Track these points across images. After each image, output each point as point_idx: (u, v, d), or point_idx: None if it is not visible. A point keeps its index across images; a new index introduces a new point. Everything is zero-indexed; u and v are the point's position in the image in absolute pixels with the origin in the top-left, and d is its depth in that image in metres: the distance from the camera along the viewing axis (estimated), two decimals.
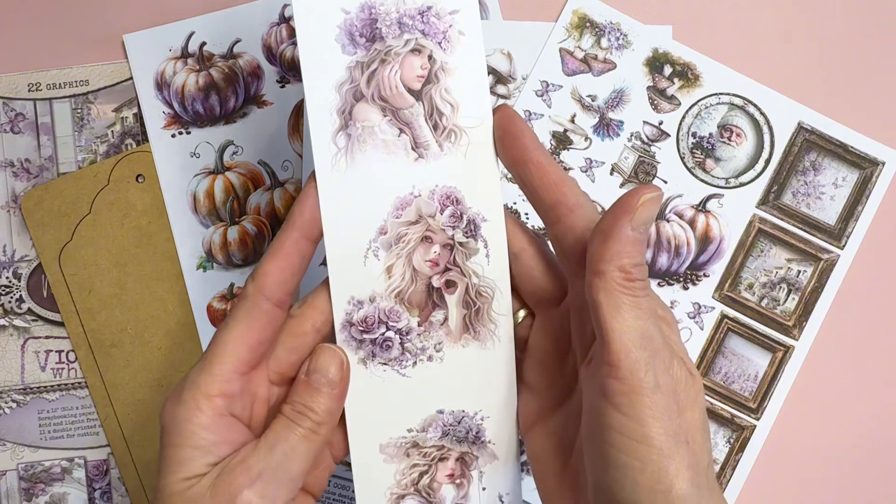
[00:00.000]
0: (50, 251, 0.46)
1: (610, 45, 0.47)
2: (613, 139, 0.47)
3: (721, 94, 0.47)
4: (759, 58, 0.47)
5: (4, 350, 0.46)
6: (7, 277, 0.46)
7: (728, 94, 0.47)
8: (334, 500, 0.46)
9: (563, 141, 0.47)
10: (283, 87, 0.47)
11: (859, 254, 0.47)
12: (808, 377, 0.47)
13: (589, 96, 0.47)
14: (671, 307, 0.46)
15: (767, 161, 0.47)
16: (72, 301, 0.46)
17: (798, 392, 0.46)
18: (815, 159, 0.47)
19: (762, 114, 0.47)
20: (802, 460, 0.47)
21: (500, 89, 0.47)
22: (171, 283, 0.46)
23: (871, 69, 0.48)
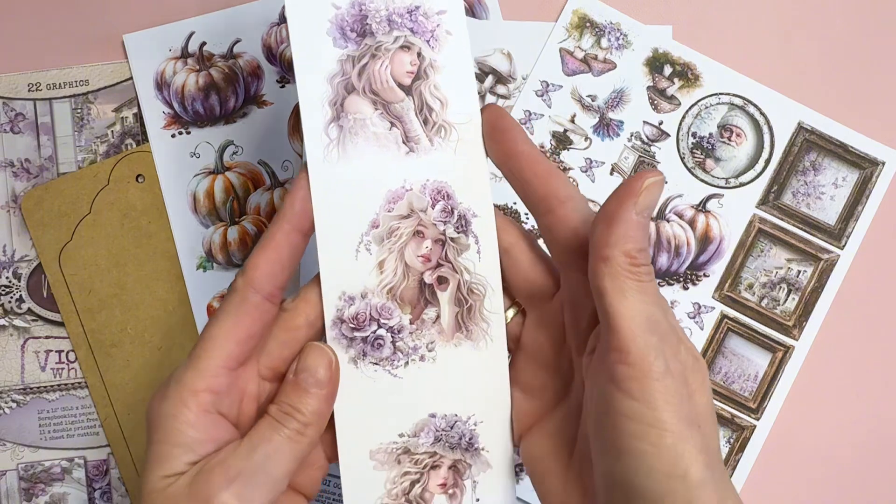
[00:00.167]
0: (50, 251, 0.46)
1: (610, 45, 0.47)
2: (613, 139, 0.47)
3: (721, 94, 0.47)
4: (759, 58, 0.47)
5: (4, 350, 0.46)
6: (7, 277, 0.46)
7: (728, 94, 0.47)
8: (334, 500, 0.46)
9: (563, 141, 0.47)
10: (283, 87, 0.47)
11: (859, 254, 0.47)
12: (808, 377, 0.47)
13: (589, 96, 0.47)
14: (671, 307, 0.46)
15: (767, 161, 0.47)
16: (72, 301, 0.46)
17: (798, 392, 0.46)
18: (815, 159, 0.47)
19: (762, 114, 0.47)
20: (802, 460, 0.47)
21: (500, 89, 0.47)
22: (171, 283, 0.46)
23: (871, 69, 0.48)
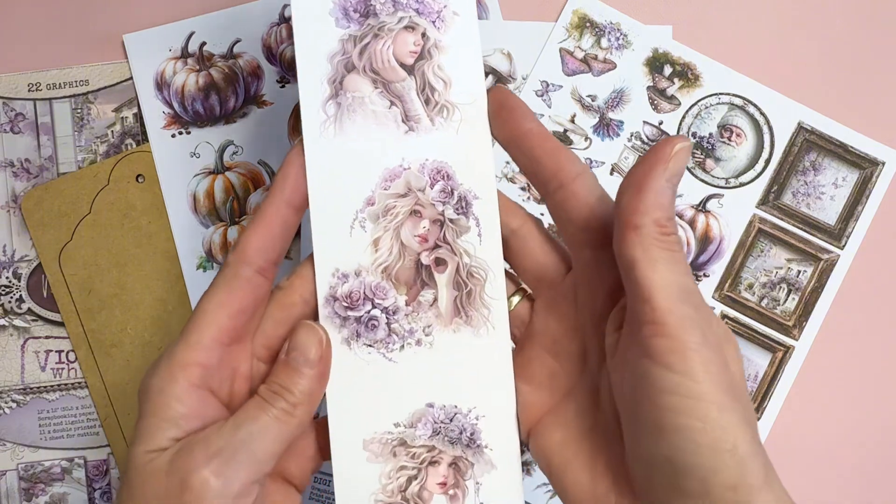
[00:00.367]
0: (50, 251, 0.46)
1: (610, 45, 0.47)
2: (613, 139, 0.47)
3: (721, 94, 0.47)
4: (759, 58, 0.47)
5: (4, 350, 0.46)
6: (7, 277, 0.46)
7: (728, 94, 0.47)
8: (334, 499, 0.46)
9: (563, 141, 0.47)
10: (283, 87, 0.47)
11: (859, 254, 0.47)
12: (808, 377, 0.46)
13: (589, 96, 0.47)
14: None
15: (767, 161, 0.47)
16: (72, 301, 0.46)
17: (798, 392, 0.46)
18: (815, 159, 0.47)
19: (762, 114, 0.47)
20: (802, 460, 0.47)
21: None
22: (171, 283, 0.46)
23: (871, 69, 0.48)
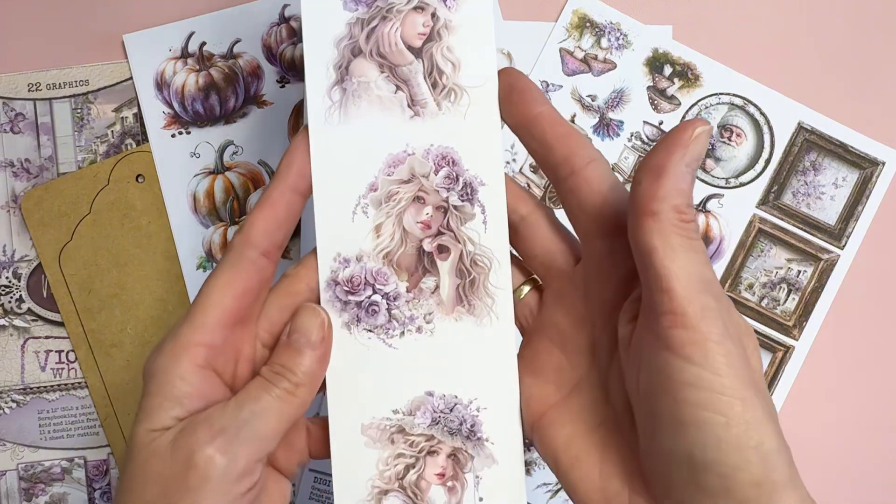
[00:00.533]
0: (50, 251, 0.46)
1: (610, 45, 0.47)
2: (613, 139, 0.47)
3: (721, 94, 0.47)
4: (759, 58, 0.47)
5: (4, 350, 0.46)
6: (7, 277, 0.46)
7: (728, 94, 0.47)
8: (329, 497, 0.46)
9: None
10: (283, 87, 0.47)
11: (859, 254, 0.47)
12: (808, 377, 0.46)
13: (589, 96, 0.47)
14: None
15: (767, 161, 0.47)
16: (72, 301, 0.46)
17: (798, 392, 0.46)
18: (815, 159, 0.47)
19: (762, 114, 0.47)
20: (802, 460, 0.47)
21: None
22: (171, 283, 0.46)
23: (871, 69, 0.48)
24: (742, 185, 0.47)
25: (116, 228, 0.46)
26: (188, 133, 0.46)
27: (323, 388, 0.31)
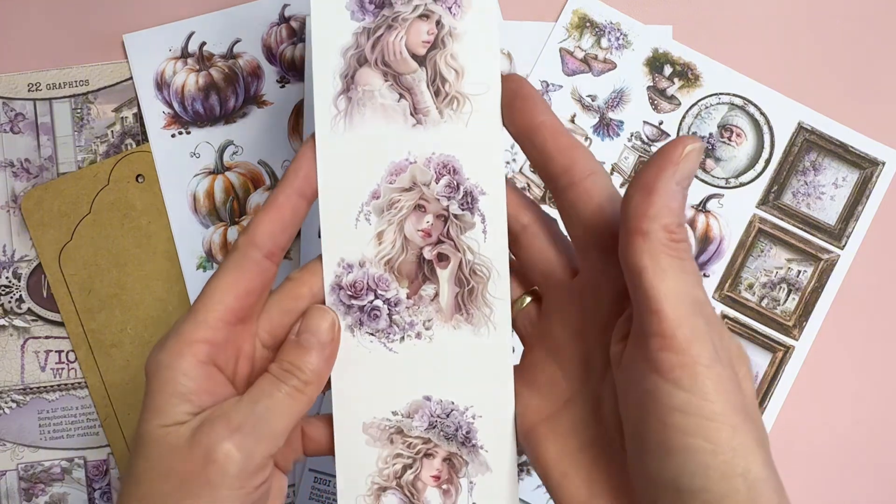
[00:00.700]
0: (50, 251, 0.46)
1: (610, 45, 0.47)
2: (613, 139, 0.47)
3: (721, 94, 0.47)
4: (759, 58, 0.47)
5: (4, 350, 0.46)
6: (7, 277, 0.46)
7: (728, 94, 0.47)
8: (334, 499, 0.46)
9: None
10: (283, 87, 0.47)
11: (859, 254, 0.47)
12: (808, 377, 0.47)
13: (589, 96, 0.47)
14: None
15: (767, 161, 0.47)
16: (72, 301, 0.46)
17: (798, 392, 0.46)
18: (815, 159, 0.47)
19: (762, 114, 0.47)
20: (802, 460, 0.47)
21: None
22: (171, 283, 0.46)
23: (871, 69, 0.48)
24: (742, 185, 0.47)
25: (116, 228, 0.46)
26: (188, 133, 0.46)
27: (327, 387, 0.32)
